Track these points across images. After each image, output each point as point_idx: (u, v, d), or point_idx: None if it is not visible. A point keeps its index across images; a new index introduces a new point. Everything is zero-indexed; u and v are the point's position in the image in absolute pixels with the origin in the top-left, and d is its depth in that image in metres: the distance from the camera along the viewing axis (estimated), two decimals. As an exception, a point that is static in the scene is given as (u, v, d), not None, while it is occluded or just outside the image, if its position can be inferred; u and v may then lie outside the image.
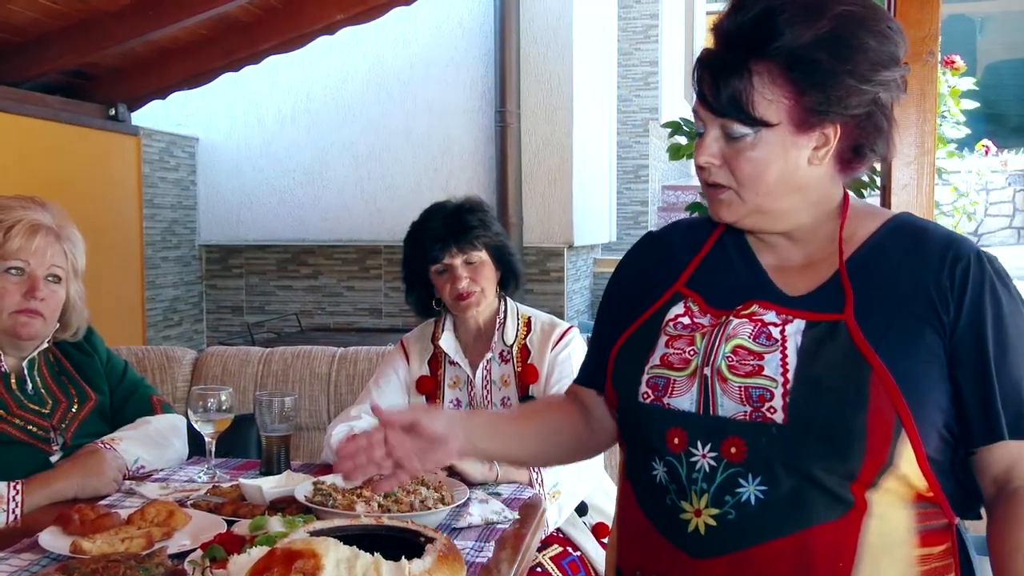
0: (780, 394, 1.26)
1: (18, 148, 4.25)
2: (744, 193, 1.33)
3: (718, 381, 1.31)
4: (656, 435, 1.34)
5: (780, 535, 1.25)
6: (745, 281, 1.41)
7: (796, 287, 1.37)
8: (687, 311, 1.41)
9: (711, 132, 1.32)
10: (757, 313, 1.35)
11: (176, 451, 2.28)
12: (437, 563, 1.17)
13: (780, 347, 1.30)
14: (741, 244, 1.45)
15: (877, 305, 1.31)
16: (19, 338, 2.09)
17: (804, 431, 1.24)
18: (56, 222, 2.14)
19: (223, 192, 5.97)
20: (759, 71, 1.26)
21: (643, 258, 1.55)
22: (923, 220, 1.42)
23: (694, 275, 1.45)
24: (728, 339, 1.33)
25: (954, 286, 1.29)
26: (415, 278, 2.45)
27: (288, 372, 3.15)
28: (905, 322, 1.29)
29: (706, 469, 1.29)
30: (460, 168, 5.70)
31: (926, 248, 1.33)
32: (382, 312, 5.87)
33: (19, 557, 1.63)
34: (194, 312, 5.97)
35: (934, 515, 1.30)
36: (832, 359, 1.27)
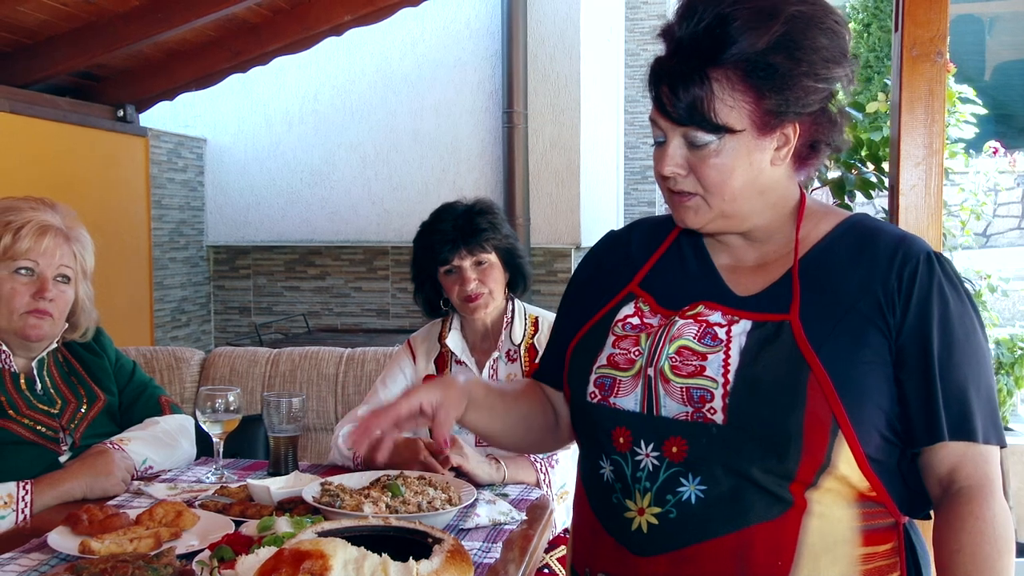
0: (720, 395, 1.27)
1: (28, 149, 4.26)
2: (711, 199, 1.33)
3: (661, 382, 1.32)
4: (603, 434, 1.36)
5: (719, 534, 1.26)
6: (696, 282, 1.42)
7: (747, 287, 1.38)
8: (637, 311, 1.42)
9: (673, 141, 1.32)
10: (703, 314, 1.36)
11: (184, 452, 2.28)
12: (445, 564, 1.17)
13: (724, 348, 1.31)
14: (696, 245, 1.46)
15: (823, 306, 1.31)
16: (28, 339, 2.10)
17: (742, 431, 1.25)
18: (65, 223, 2.15)
19: (231, 193, 5.98)
20: (717, 78, 1.27)
21: (602, 257, 1.56)
22: (877, 221, 1.43)
23: (648, 275, 1.46)
24: (672, 340, 1.34)
25: (901, 287, 1.30)
26: (424, 278, 2.45)
27: (296, 373, 3.15)
28: (850, 323, 1.29)
29: (649, 468, 1.31)
30: (467, 169, 5.70)
31: (876, 249, 1.34)
32: (389, 313, 5.88)
33: (28, 557, 1.63)
34: (202, 313, 5.98)
35: (878, 514, 1.31)
36: (773, 360, 1.27)
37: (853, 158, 4.66)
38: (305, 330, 5.76)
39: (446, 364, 2.42)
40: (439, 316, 2.51)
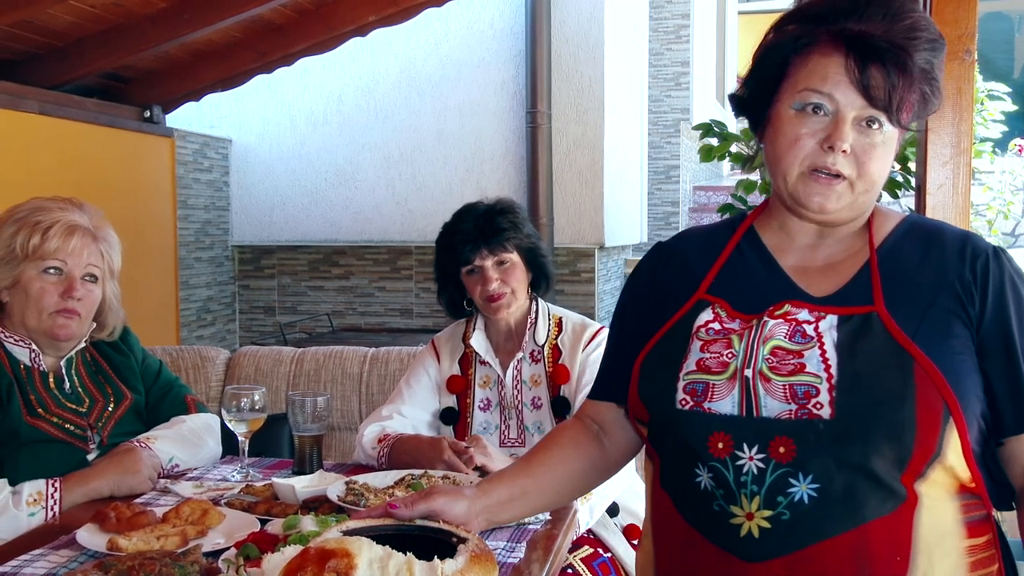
0: (826, 389, 1.26)
1: (57, 150, 4.30)
2: (858, 185, 1.34)
3: (761, 382, 1.30)
4: (698, 441, 1.32)
5: (836, 532, 1.24)
6: (769, 285, 1.41)
7: (820, 288, 1.38)
8: (716, 317, 1.40)
9: (849, 117, 1.32)
10: (791, 313, 1.35)
11: (210, 450, 2.29)
12: (470, 563, 1.17)
13: (817, 344, 1.30)
14: (760, 249, 1.46)
15: (905, 299, 1.32)
16: (57, 338, 2.12)
17: (853, 425, 1.24)
18: (93, 223, 2.17)
19: (256, 193, 6.02)
20: (912, 71, 1.30)
21: (657, 268, 1.55)
22: (933, 220, 1.47)
23: (715, 282, 1.45)
24: (765, 340, 1.33)
25: (976, 280, 1.32)
26: (447, 279, 2.45)
27: (320, 372, 3.16)
28: (935, 315, 1.30)
29: (754, 471, 1.27)
30: (491, 169, 5.71)
31: (944, 245, 1.36)
32: (413, 312, 5.89)
33: (57, 553, 1.65)
34: (227, 312, 6.01)
35: (975, 506, 1.30)
36: (872, 352, 1.27)
37: (879, 157, 4.62)
38: (329, 329, 5.78)
39: (470, 364, 2.43)
40: (463, 316, 2.51)
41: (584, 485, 1.59)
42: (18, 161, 3.99)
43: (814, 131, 1.33)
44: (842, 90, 1.31)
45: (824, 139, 1.32)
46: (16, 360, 2.11)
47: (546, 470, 1.52)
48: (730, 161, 4.77)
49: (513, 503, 1.48)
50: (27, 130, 4.10)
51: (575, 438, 1.56)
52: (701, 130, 4.26)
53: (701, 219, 8.51)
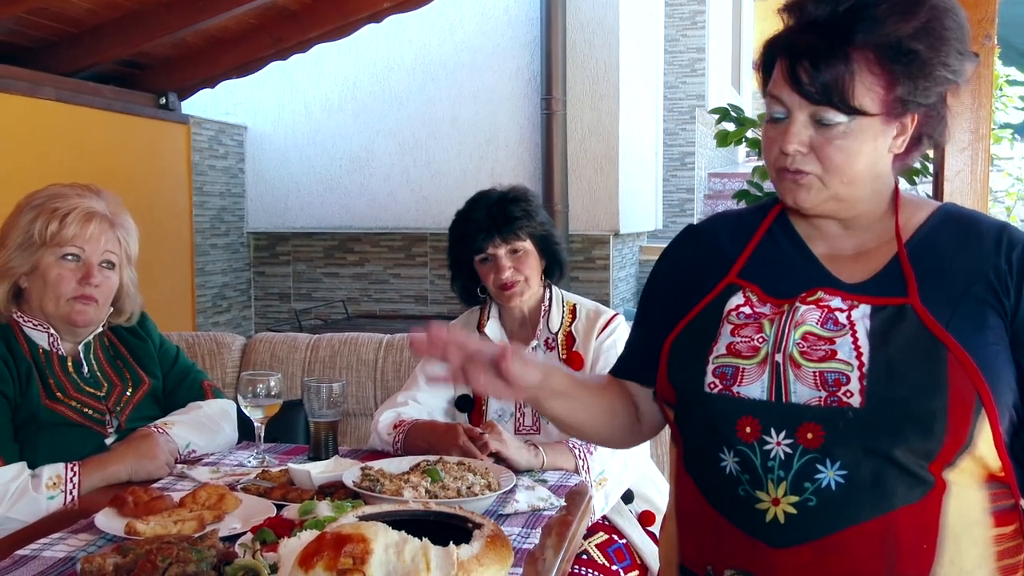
0: (857, 378, 1.26)
1: (73, 137, 4.32)
2: (828, 180, 1.32)
3: (791, 367, 1.29)
4: (726, 425, 1.32)
5: (863, 519, 1.24)
6: (801, 270, 1.40)
7: (852, 275, 1.37)
8: (747, 301, 1.40)
9: (799, 118, 1.31)
10: (823, 299, 1.34)
11: (226, 436, 2.31)
12: (485, 549, 1.17)
13: (850, 331, 1.30)
14: (792, 234, 1.45)
15: (940, 290, 1.31)
16: (75, 324, 2.13)
17: (883, 414, 1.24)
18: (110, 209, 2.18)
19: (271, 180, 6.03)
20: (858, 59, 1.26)
21: (687, 251, 1.54)
22: (969, 210, 1.44)
23: (747, 266, 1.44)
24: (797, 326, 1.32)
25: (1012, 271, 1.30)
26: (460, 267, 2.46)
27: (335, 359, 3.17)
28: (969, 306, 1.29)
29: (781, 456, 1.27)
30: (506, 156, 5.70)
31: (979, 235, 1.35)
32: (428, 299, 5.90)
33: (76, 537, 1.66)
34: (242, 299, 6.04)
35: (1003, 495, 1.30)
36: (904, 342, 1.27)
37: (897, 144, 4.59)
38: (344, 316, 5.80)
39: (485, 351, 2.43)
40: (476, 304, 2.51)
41: (614, 434, 1.59)
42: (35, 148, 4.01)
43: (775, 135, 1.34)
44: (786, 92, 1.31)
45: (781, 143, 1.33)
46: (35, 344, 2.12)
47: (599, 397, 1.54)
48: (746, 147, 4.74)
49: (562, 399, 1.47)
50: (44, 117, 4.12)
51: (622, 394, 1.57)
52: (718, 115, 4.24)
53: (716, 206, 8.49)
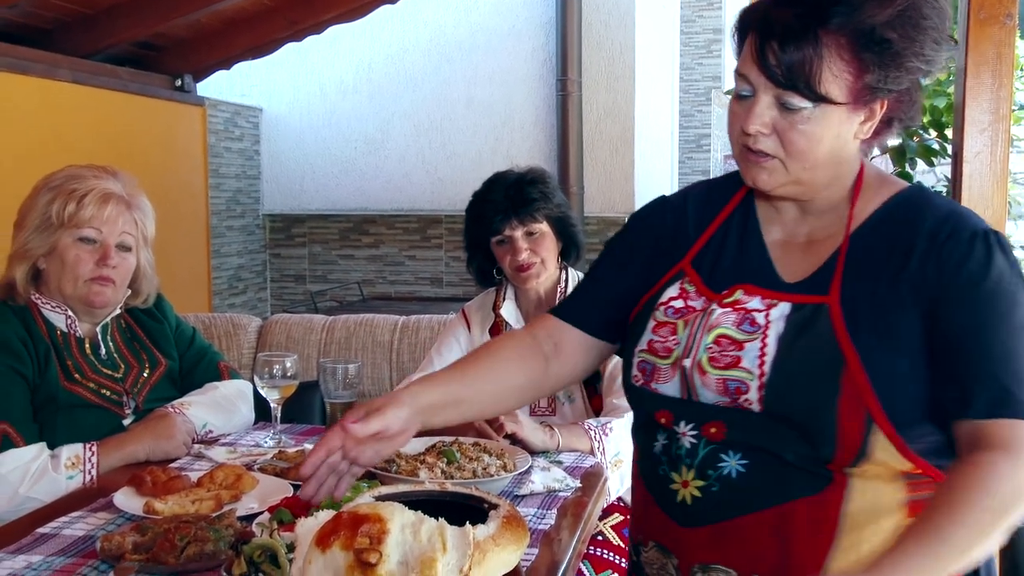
0: (756, 387, 1.27)
1: (89, 119, 4.33)
2: (790, 164, 1.29)
3: (697, 374, 1.32)
4: (648, 414, 1.39)
5: (761, 507, 1.27)
6: (744, 263, 1.39)
7: (795, 269, 1.35)
8: (681, 293, 1.40)
9: (763, 99, 1.27)
10: (740, 301, 1.34)
11: (243, 416, 2.32)
12: (501, 529, 1.17)
13: (762, 335, 1.29)
14: (750, 218, 1.43)
15: (866, 287, 1.28)
16: (92, 306, 2.14)
17: (778, 421, 1.24)
18: (127, 191, 2.18)
19: (286, 162, 6.03)
20: (828, 43, 1.22)
21: (654, 221, 1.52)
22: (931, 194, 1.37)
23: (700, 252, 1.43)
24: (710, 329, 1.33)
25: (947, 266, 1.25)
26: (476, 248, 2.45)
27: (351, 340, 3.18)
28: (890, 306, 1.26)
29: (687, 446, 1.32)
30: (521, 137, 5.68)
31: (923, 225, 1.29)
32: (443, 281, 5.90)
33: (96, 516, 1.68)
34: (258, 281, 6.06)
35: (926, 484, 1.28)
36: (808, 350, 1.25)
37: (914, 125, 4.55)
38: (359, 298, 5.81)
39: (500, 333, 2.43)
40: (491, 285, 2.51)
41: (518, 401, 1.56)
42: (52, 130, 4.02)
43: (740, 112, 1.31)
44: (753, 72, 1.27)
45: (743, 121, 1.30)
46: (53, 326, 2.13)
47: (482, 380, 1.47)
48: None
49: (445, 409, 1.42)
50: (60, 99, 4.13)
51: (521, 352, 1.51)
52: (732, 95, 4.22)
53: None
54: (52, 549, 1.52)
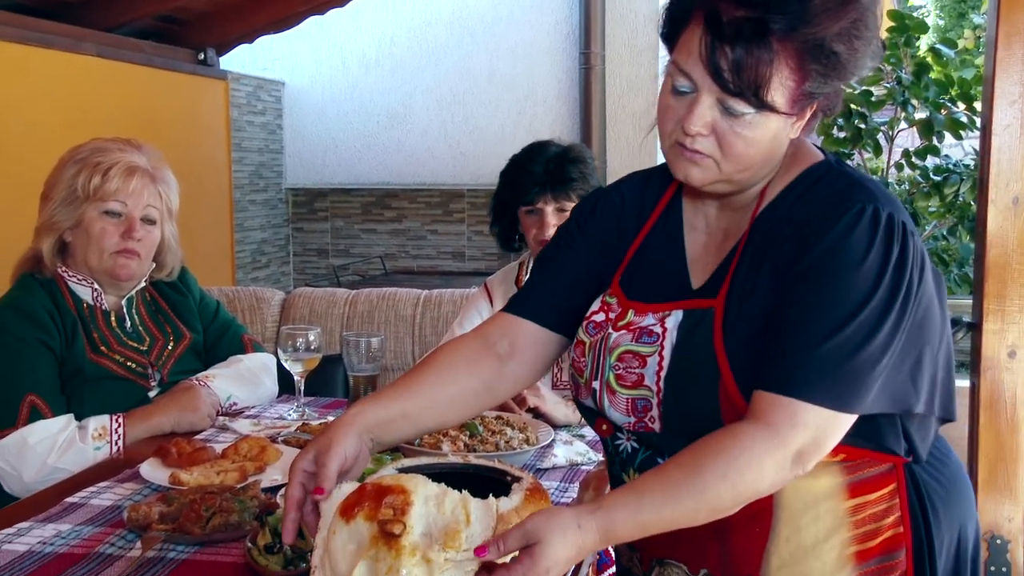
0: (655, 404, 1.27)
1: (113, 92, 4.34)
2: (724, 165, 1.25)
3: (607, 394, 1.32)
4: (590, 421, 1.41)
5: None
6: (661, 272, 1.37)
7: (703, 274, 1.33)
8: (603, 307, 1.39)
9: (705, 100, 1.22)
10: (634, 322, 1.32)
11: (267, 389, 2.34)
12: (524, 502, 1.17)
13: (659, 347, 1.28)
14: (674, 224, 1.40)
15: (744, 286, 1.25)
16: (117, 279, 2.16)
17: (677, 440, 1.22)
18: (151, 164, 2.19)
19: (309, 136, 6.03)
20: (779, 52, 1.17)
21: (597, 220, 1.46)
22: (835, 170, 1.30)
23: (628, 266, 1.41)
24: (611, 350, 1.32)
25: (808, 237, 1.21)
26: (503, 211, 2.45)
27: (373, 314, 3.19)
28: (760, 298, 1.22)
29: (628, 450, 1.34)
30: (544, 111, 5.65)
31: (813, 204, 1.25)
32: (465, 256, 5.90)
33: (123, 486, 1.70)
34: (281, 255, 6.08)
35: (865, 465, 1.27)
36: (692, 362, 1.24)
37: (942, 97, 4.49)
38: (382, 272, 5.82)
39: (522, 306, 2.43)
40: (511, 251, 2.52)
41: (475, 407, 1.45)
42: (76, 103, 4.04)
43: (678, 107, 1.25)
44: (699, 71, 1.21)
45: (681, 118, 1.24)
46: (80, 299, 2.15)
47: (429, 390, 1.39)
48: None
49: (393, 424, 1.34)
50: (85, 73, 4.14)
51: (471, 356, 1.43)
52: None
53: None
54: (81, 518, 1.54)
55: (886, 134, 4.72)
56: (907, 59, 4.55)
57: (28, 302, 2.06)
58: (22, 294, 2.09)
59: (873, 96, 4.63)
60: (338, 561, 1.14)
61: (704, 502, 1.13)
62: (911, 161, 4.67)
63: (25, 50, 3.72)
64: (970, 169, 4.54)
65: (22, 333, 2.01)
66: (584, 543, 1.09)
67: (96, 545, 1.43)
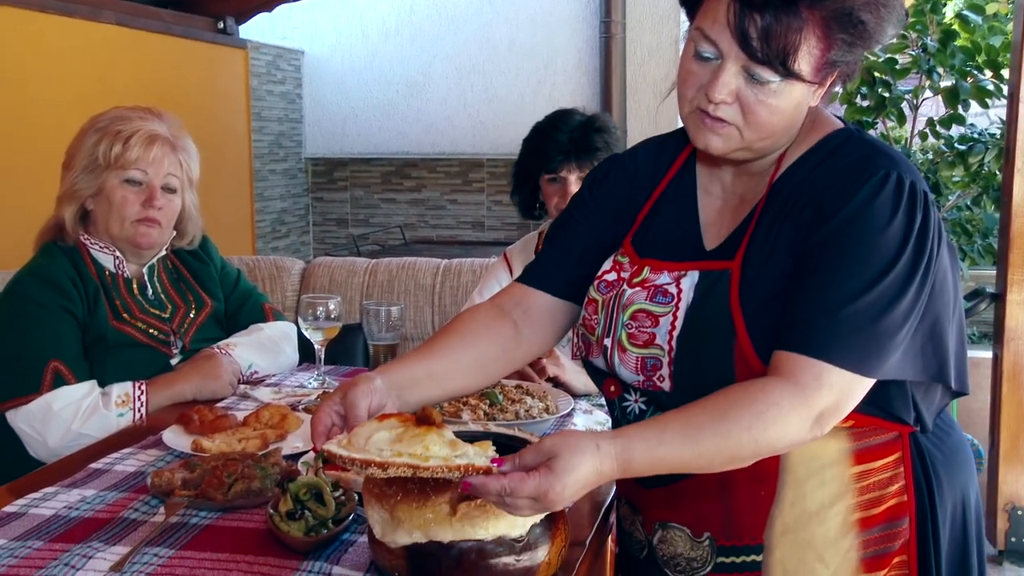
0: (666, 363, 1.27)
1: (133, 61, 4.34)
2: (747, 133, 1.25)
3: (617, 352, 1.32)
4: (597, 383, 1.42)
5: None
6: (673, 232, 1.37)
7: (718, 236, 1.33)
8: (614, 266, 1.40)
9: (731, 68, 1.21)
10: (649, 279, 1.33)
11: (287, 357, 2.34)
12: (544, 469, 1.17)
13: (674, 307, 1.28)
14: (689, 184, 1.40)
15: (761, 250, 1.25)
16: (138, 247, 2.17)
17: (687, 399, 1.21)
18: (172, 132, 2.19)
19: (328, 105, 6.02)
20: (808, 20, 1.16)
21: (611, 186, 1.48)
22: (855, 137, 1.29)
23: (641, 226, 1.41)
24: (625, 308, 1.32)
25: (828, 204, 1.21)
26: (526, 178, 2.45)
27: (393, 283, 3.20)
28: (778, 262, 1.23)
29: (636, 411, 1.35)
30: (564, 80, 5.61)
31: (833, 170, 1.24)
32: (485, 225, 5.89)
33: (146, 452, 1.71)
34: (301, 224, 6.08)
35: (871, 433, 1.28)
36: (709, 319, 1.24)
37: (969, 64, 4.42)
38: (401, 242, 5.82)
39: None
40: (532, 219, 2.52)
41: (495, 372, 1.47)
42: (96, 72, 4.04)
43: (701, 73, 1.24)
44: (725, 38, 1.20)
45: (705, 85, 1.23)
46: (101, 266, 2.16)
47: (452, 354, 1.41)
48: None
49: (419, 384, 1.37)
50: (104, 41, 4.13)
51: (488, 323, 1.46)
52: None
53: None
54: (105, 484, 1.56)
55: (910, 103, 4.67)
56: (933, 26, 4.49)
57: (51, 269, 2.08)
58: (45, 261, 2.11)
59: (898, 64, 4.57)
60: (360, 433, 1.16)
61: (725, 448, 1.13)
62: (935, 130, 4.61)
63: (45, 18, 3.72)
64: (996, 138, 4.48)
65: (45, 300, 2.02)
66: (602, 467, 1.09)
67: (120, 510, 1.45)
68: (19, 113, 3.52)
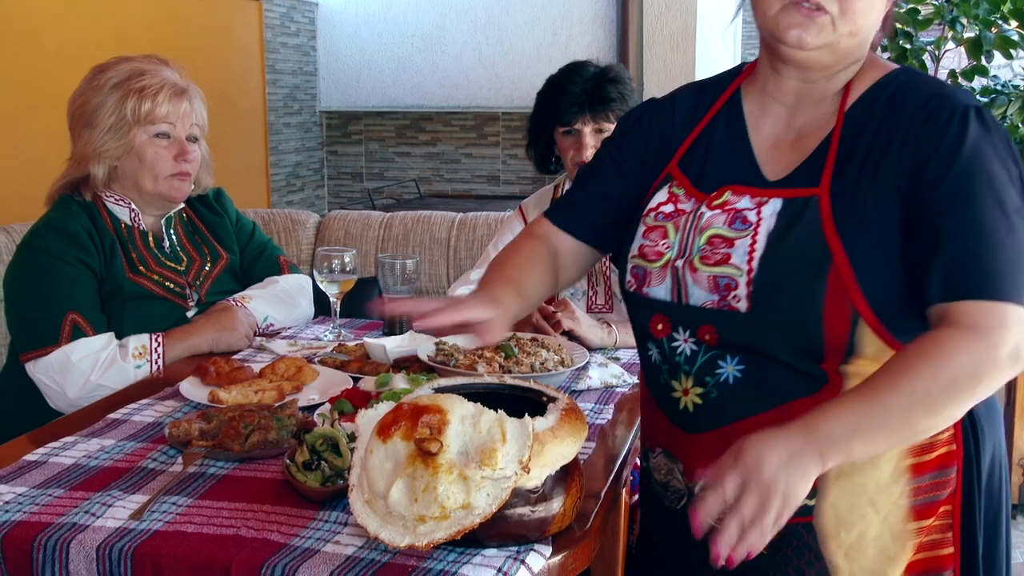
0: (744, 283, 1.25)
1: (147, 12, 4.31)
2: (840, 24, 1.25)
3: (688, 272, 1.30)
4: (643, 321, 1.38)
5: (760, 411, 1.27)
6: (730, 162, 1.36)
7: (782, 166, 1.32)
8: (671, 197, 1.38)
9: None
10: (730, 202, 1.31)
11: (303, 310, 2.35)
12: (560, 422, 1.17)
13: (753, 231, 1.27)
14: (737, 118, 1.40)
15: (849, 178, 1.25)
16: (173, 201, 2.17)
17: (765, 320, 1.22)
18: (185, 81, 2.19)
19: (342, 58, 5.97)
20: None
21: (645, 126, 1.48)
22: (920, 76, 1.32)
23: (686, 154, 1.41)
24: (702, 231, 1.31)
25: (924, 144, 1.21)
26: (541, 132, 2.43)
27: (408, 237, 3.19)
28: (873, 195, 1.23)
29: (687, 353, 1.32)
30: (580, 32, 5.55)
31: (907, 107, 1.26)
32: (499, 179, 5.87)
33: (164, 404, 1.73)
34: (315, 178, 6.07)
35: None
36: (798, 243, 1.23)
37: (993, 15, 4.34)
38: (416, 195, 5.81)
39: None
40: (548, 172, 2.50)
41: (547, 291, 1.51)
42: (110, 24, 4.02)
43: None
44: None
45: None
46: (117, 219, 2.16)
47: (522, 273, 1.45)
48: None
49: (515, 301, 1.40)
50: (118, -7, 4.11)
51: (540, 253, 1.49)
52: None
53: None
54: (123, 434, 1.57)
55: (932, 54, 4.59)
56: (957, -25, 4.40)
57: (67, 222, 2.08)
58: (61, 214, 2.11)
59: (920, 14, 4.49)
60: (375, 479, 1.15)
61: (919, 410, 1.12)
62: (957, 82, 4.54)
63: (57, -31, 3.69)
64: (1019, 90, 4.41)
65: (62, 252, 2.03)
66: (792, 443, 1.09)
67: (139, 460, 1.46)
68: (32, 64, 3.51)
